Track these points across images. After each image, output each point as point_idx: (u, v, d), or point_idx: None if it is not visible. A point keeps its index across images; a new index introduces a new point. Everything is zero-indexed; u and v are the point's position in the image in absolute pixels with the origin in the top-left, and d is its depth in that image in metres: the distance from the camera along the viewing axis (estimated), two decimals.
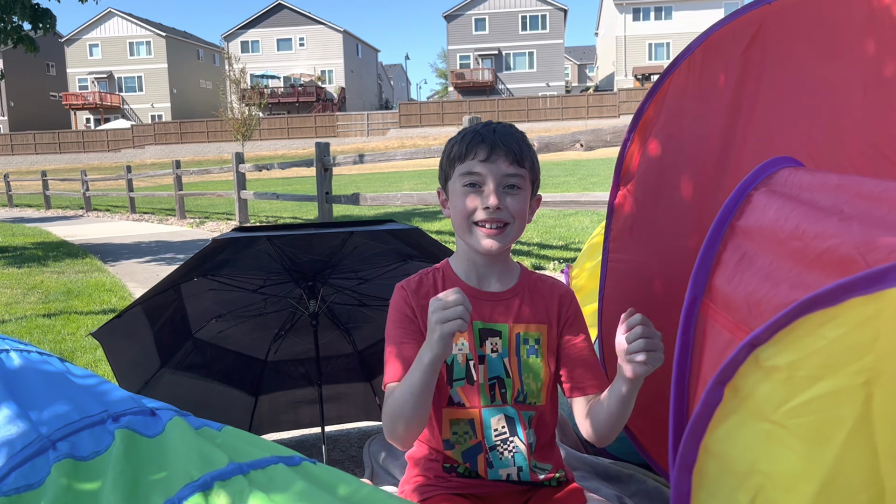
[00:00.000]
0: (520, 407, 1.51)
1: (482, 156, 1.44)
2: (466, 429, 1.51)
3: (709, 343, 0.88)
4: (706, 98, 1.60)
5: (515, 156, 1.44)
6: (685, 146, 1.66)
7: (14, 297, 6.31)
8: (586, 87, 68.54)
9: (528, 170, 1.47)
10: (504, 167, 1.43)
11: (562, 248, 7.69)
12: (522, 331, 1.52)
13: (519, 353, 1.51)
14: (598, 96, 47.17)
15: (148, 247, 10.47)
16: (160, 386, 2.51)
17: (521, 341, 1.52)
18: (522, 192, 1.47)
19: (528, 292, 1.56)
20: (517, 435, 1.50)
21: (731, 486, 0.82)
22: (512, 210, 1.45)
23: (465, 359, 1.50)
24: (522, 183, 1.46)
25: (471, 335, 1.50)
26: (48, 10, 9.39)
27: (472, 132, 1.48)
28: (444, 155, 1.53)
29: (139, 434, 1.14)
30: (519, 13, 55.24)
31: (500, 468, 1.50)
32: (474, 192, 1.45)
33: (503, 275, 1.55)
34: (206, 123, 51.13)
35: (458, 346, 1.49)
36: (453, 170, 1.49)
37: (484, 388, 1.50)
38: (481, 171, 1.44)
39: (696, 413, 0.80)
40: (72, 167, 43.57)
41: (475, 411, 1.50)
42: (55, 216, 19.15)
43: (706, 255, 0.91)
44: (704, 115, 1.60)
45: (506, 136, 1.46)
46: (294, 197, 10.34)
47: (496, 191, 1.43)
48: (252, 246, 2.33)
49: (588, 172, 18.89)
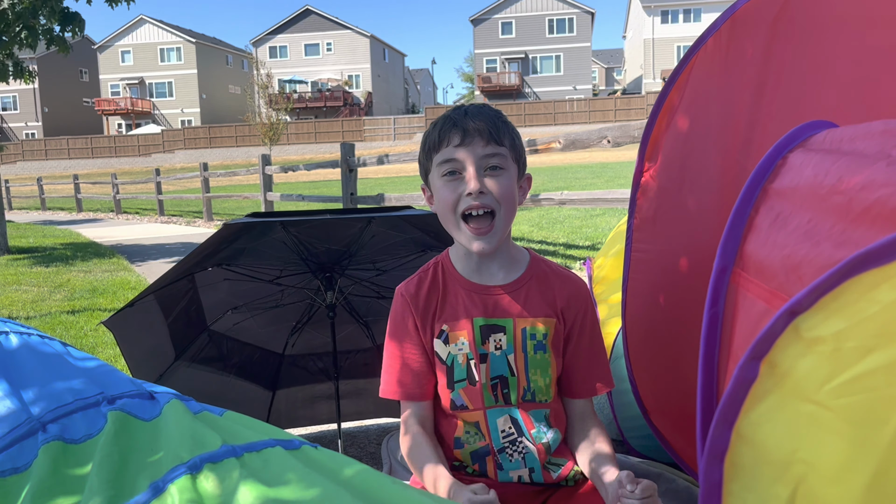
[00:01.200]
0: (528, 406, 1.44)
1: (456, 140, 1.34)
2: (473, 430, 1.44)
3: (741, 315, 0.79)
4: (732, 74, 1.51)
5: (491, 134, 1.34)
6: (710, 128, 1.58)
7: (40, 295, 6.36)
8: (614, 90, 68.04)
9: (508, 147, 1.37)
10: (480, 149, 1.34)
11: (589, 249, 7.56)
12: (529, 325, 1.43)
13: (525, 350, 1.42)
14: (625, 99, 46.79)
15: (175, 248, 10.54)
16: (175, 379, 2.47)
17: (528, 336, 1.42)
18: (506, 173, 1.36)
19: (536, 284, 1.46)
20: (525, 436, 1.43)
21: (768, 477, 0.73)
22: (497, 193, 1.34)
23: (465, 359, 1.42)
24: (504, 162, 1.36)
25: (471, 332, 1.41)
26: (77, 13, 9.50)
27: (443, 119, 1.40)
28: (421, 148, 1.44)
29: (134, 417, 1.09)
30: (546, 16, 55.01)
31: (510, 470, 1.43)
32: (455, 180, 1.35)
33: (507, 264, 1.46)
34: (235, 128, 51.62)
35: (458, 345, 1.42)
36: (431, 161, 1.40)
37: (486, 389, 1.42)
38: (458, 157, 1.34)
39: (727, 393, 0.71)
40: (103, 171, 44.26)
41: (479, 413, 1.43)
42: (86, 219, 19.42)
43: (736, 221, 0.82)
44: (730, 93, 1.51)
45: (479, 116, 1.36)
46: (319, 198, 10.34)
47: (477, 174, 1.33)
48: (267, 234, 2.27)
49: (615, 174, 18.68)
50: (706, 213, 1.56)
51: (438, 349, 1.44)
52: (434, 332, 1.44)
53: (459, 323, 1.42)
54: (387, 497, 0.83)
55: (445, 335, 1.43)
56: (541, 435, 1.44)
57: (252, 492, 0.82)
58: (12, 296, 6.38)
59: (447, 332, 1.43)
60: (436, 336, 1.44)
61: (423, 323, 1.45)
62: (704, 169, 1.58)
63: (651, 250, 1.78)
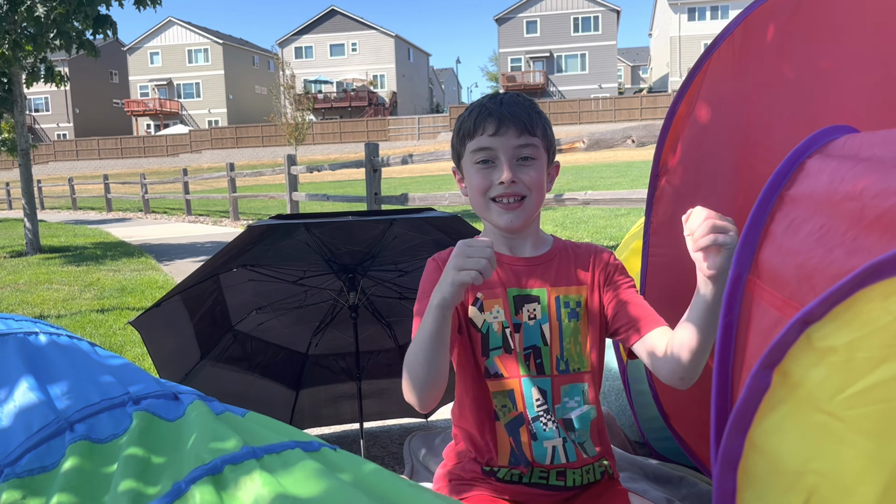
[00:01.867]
0: (563, 378, 1.43)
1: (491, 130, 1.38)
2: (505, 401, 1.44)
3: (754, 324, 0.79)
4: (746, 77, 1.50)
5: (525, 125, 1.38)
6: (724, 132, 1.57)
7: (71, 294, 6.48)
8: (639, 88, 67.50)
9: (540, 138, 1.41)
10: (514, 139, 1.38)
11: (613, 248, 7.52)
12: (562, 294, 1.46)
13: (560, 318, 1.44)
14: (651, 97, 46.38)
15: (202, 247, 10.67)
16: (201, 378, 2.50)
17: (562, 304, 1.45)
18: (537, 163, 1.41)
19: (565, 255, 1.50)
20: (549, 408, 1.43)
21: (780, 487, 0.73)
22: (528, 182, 1.39)
23: (500, 327, 1.44)
24: (536, 153, 1.40)
25: (505, 303, 1.44)
26: (108, 16, 9.66)
27: (478, 106, 1.43)
28: (454, 132, 1.48)
29: (159, 417, 1.11)
30: (571, 15, 54.72)
31: (545, 440, 1.42)
32: (487, 168, 1.40)
33: (535, 242, 1.50)
34: (261, 128, 52.06)
35: (493, 313, 1.44)
36: (464, 147, 1.44)
37: (521, 357, 1.43)
38: (492, 146, 1.38)
39: (739, 402, 0.71)
40: (132, 171, 44.92)
41: (514, 381, 1.43)
42: (115, 218, 19.73)
43: (752, 229, 0.82)
44: (744, 97, 1.51)
45: (514, 106, 1.40)
46: (344, 198, 10.40)
47: (509, 164, 1.37)
48: (291, 235, 2.30)
49: (640, 173, 18.54)
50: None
51: (473, 316, 1.45)
52: (468, 299, 1.45)
53: (494, 291, 1.44)
54: (403, 499, 0.85)
55: (480, 303, 1.44)
56: (566, 410, 1.44)
57: (270, 493, 0.84)
58: (44, 294, 6.51)
59: (481, 299, 1.44)
60: (470, 303, 1.45)
61: None
62: (719, 173, 1.57)
63: (667, 255, 1.77)
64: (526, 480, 1.44)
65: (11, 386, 1.21)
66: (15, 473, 1.00)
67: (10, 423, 1.12)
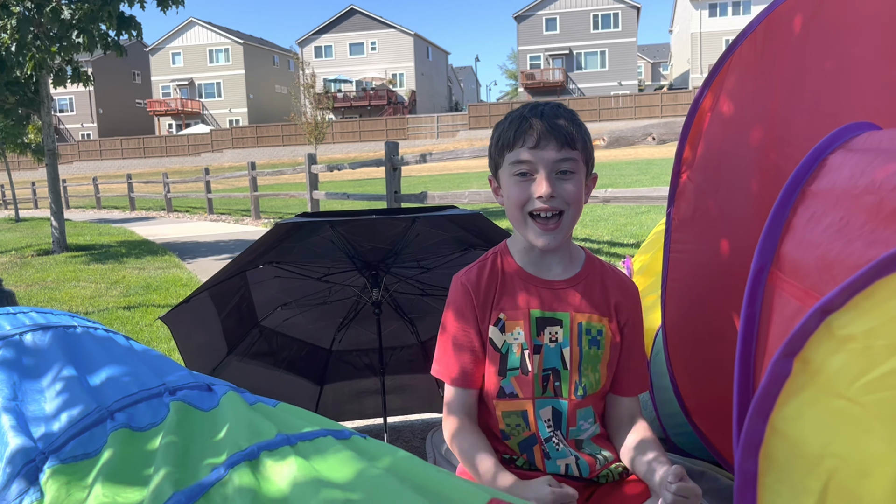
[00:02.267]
0: (581, 403, 1.46)
1: (531, 143, 1.36)
2: (518, 421, 1.46)
3: (776, 314, 0.81)
4: (768, 74, 1.51)
5: (566, 139, 1.36)
6: (746, 128, 1.58)
7: (98, 291, 6.60)
8: (660, 85, 67.01)
9: (580, 151, 1.39)
10: (554, 153, 1.36)
11: (633, 247, 7.51)
12: (585, 321, 1.46)
13: (581, 344, 1.45)
14: (672, 94, 46.03)
15: (224, 245, 10.78)
16: (228, 373, 2.56)
17: (584, 331, 1.45)
18: (576, 176, 1.39)
19: (593, 281, 1.49)
20: (561, 430, 1.45)
21: (801, 470, 0.75)
22: (566, 197, 1.37)
23: (520, 349, 1.44)
24: (575, 167, 1.38)
25: (527, 324, 1.44)
26: (133, 17, 9.80)
27: (518, 118, 1.41)
28: (493, 142, 1.47)
29: (194, 407, 1.15)
30: (590, 12, 54.46)
31: (558, 459, 1.45)
32: (525, 181, 1.38)
33: (565, 261, 1.49)
34: (281, 127, 52.39)
35: (514, 334, 1.44)
36: (503, 158, 1.42)
37: (537, 379, 1.45)
38: (531, 159, 1.37)
39: (761, 387, 0.73)
40: (155, 171, 45.42)
41: (527, 402, 1.45)
42: (138, 217, 19.97)
43: (774, 223, 0.84)
44: (766, 93, 1.52)
45: (554, 119, 1.38)
46: (364, 196, 10.47)
47: (548, 178, 1.36)
48: (316, 233, 2.34)
49: (661, 171, 18.43)
50: (743, 213, 1.57)
51: (493, 336, 1.46)
52: (491, 319, 1.46)
53: (516, 313, 1.45)
54: (434, 483, 0.88)
55: (502, 324, 1.45)
56: (580, 431, 1.47)
57: (305, 477, 0.87)
58: (72, 291, 6.63)
59: (504, 320, 1.45)
60: (492, 324, 1.46)
61: (481, 311, 1.47)
62: (741, 169, 1.59)
63: (689, 250, 1.79)
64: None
65: (54, 375, 1.26)
66: (60, 459, 1.04)
67: (54, 411, 1.17)
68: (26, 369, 1.29)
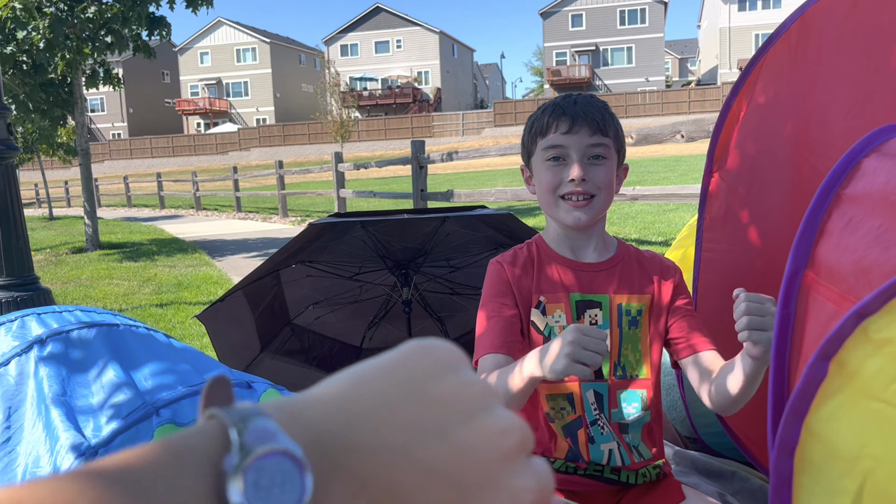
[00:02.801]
0: (622, 384, 1.46)
1: (564, 128, 1.40)
2: (564, 404, 1.46)
3: (811, 317, 0.82)
4: (802, 73, 1.51)
5: (598, 125, 1.39)
6: (780, 127, 1.58)
7: (130, 289, 6.72)
8: (688, 81, 66.31)
9: (612, 139, 1.42)
10: (587, 138, 1.39)
11: (661, 245, 7.46)
12: (624, 301, 1.47)
13: (621, 325, 1.46)
14: (700, 90, 45.56)
15: (253, 243, 10.91)
16: (260, 370, 2.60)
17: (623, 312, 1.47)
18: (608, 162, 1.42)
19: (629, 262, 1.51)
20: (603, 412, 1.46)
21: (837, 471, 0.76)
22: (598, 182, 1.40)
23: (561, 331, 1.46)
24: (607, 153, 1.42)
25: (568, 307, 1.45)
26: (163, 17, 9.95)
27: (552, 105, 1.45)
28: (526, 131, 1.50)
29: None
30: (617, 8, 54.07)
31: (602, 443, 1.45)
32: (558, 166, 1.41)
33: (599, 247, 1.50)
34: (308, 126, 52.77)
35: (555, 317, 1.45)
36: (535, 145, 1.46)
37: None
38: (564, 144, 1.40)
39: (797, 389, 0.74)
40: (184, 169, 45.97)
41: (574, 385, 1.45)
42: (168, 215, 20.26)
43: (809, 225, 0.85)
44: (800, 93, 1.51)
45: (587, 105, 1.42)
46: (390, 195, 10.53)
47: (580, 162, 1.39)
48: (348, 232, 2.38)
49: (689, 168, 18.26)
50: (777, 213, 1.56)
51: (536, 319, 1.47)
52: (532, 302, 1.47)
53: (556, 296, 1.46)
54: None
55: (543, 306, 1.46)
56: (621, 415, 1.46)
57: None
58: (105, 289, 6.76)
59: (544, 303, 1.46)
60: (533, 306, 1.47)
61: (519, 292, 1.47)
62: (775, 169, 1.58)
63: (721, 250, 1.79)
64: (581, 472, 1.47)
65: (100, 371, 1.30)
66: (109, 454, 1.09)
67: (100, 405, 1.21)
68: (74, 364, 1.33)
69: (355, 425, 0.32)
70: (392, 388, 0.35)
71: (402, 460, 0.32)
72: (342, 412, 0.33)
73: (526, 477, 0.35)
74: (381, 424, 0.33)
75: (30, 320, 1.52)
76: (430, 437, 0.33)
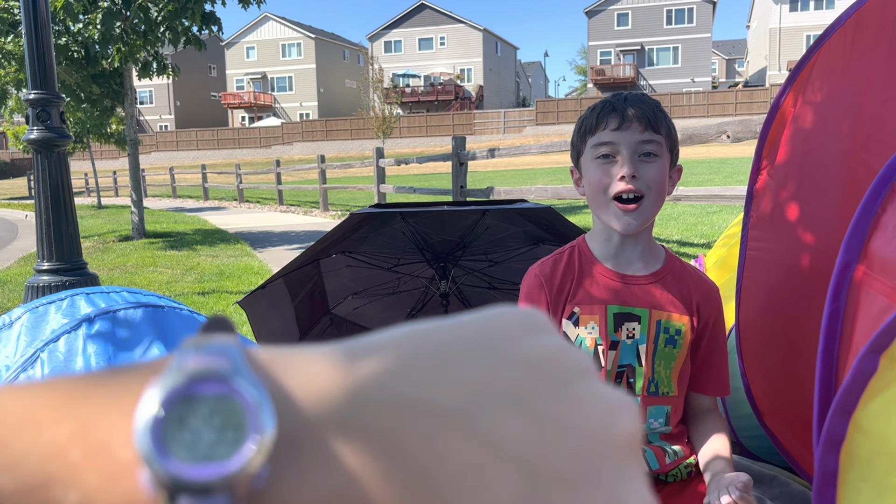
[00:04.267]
0: (651, 400, 1.45)
1: (614, 125, 1.36)
2: None
3: (862, 310, 0.80)
4: (857, 70, 1.47)
5: (649, 121, 1.36)
6: (832, 125, 1.54)
7: (174, 277, 6.86)
8: (735, 82, 65.08)
9: (664, 136, 1.38)
10: (637, 134, 1.35)
11: (704, 247, 7.35)
12: (664, 319, 1.44)
13: (657, 342, 1.43)
14: (747, 92, 44.67)
15: (295, 236, 11.04)
16: None
17: (662, 329, 1.44)
18: (659, 160, 1.37)
19: (673, 279, 1.47)
20: None
21: (885, 467, 0.74)
22: (648, 180, 1.35)
23: (593, 343, 1.43)
24: (658, 150, 1.37)
25: (603, 319, 1.43)
26: (213, 12, 10.13)
27: (602, 103, 1.42)
28: (575, 131, 1.47)
29: None
30: (664, 7, 53.32)
31: None
32: (608, 164, 1.37)
33: (645, 256, 1.47)
34: (350, 122, 53.19)
35: (588, 329, 1.43)
36: (585, 144, 1.42)
37: (610, 375, 1.43)
38: (614, 140, 1.36)
39: (845, 384, 0.73)
40: (228, 162, 46.74)
41: None
42: (212, 206, 20.61)
43: (863, 218, 0.83)
44: (854, 90, 1.47)
45: (638, 102, 1.39)
46: (430, 191, 10.55)
47: (630, 159, 1.35)
48: (388, 223, 2.39)
49: (734, 170, 17.93)
50: (826, 211, 1.53)
51: (567, 330, 1.45)
52: (564, 313, 1.46)
53: (592, 307, 1.44)
54: None
55: (576, 318, 1.45)
56: (647, 427, 1.45)
57: None
58: (150, 276, 6.92)
59: (578, 314, 1.45)
60: (566, 317, 1.45)
61: (554, 304, 1.46)
62: (826, 166, 1.55)
63: (768, 248, 1.75)
64: None
65: (145, 350, 1.34)
66: None
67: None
68: (120, 343, 1.37)
69: (389, 377, 0.24)
70: (454, 340, 0.26)
71: (454, 428, 0.24)
72: (372, 361, 0.25)
73: (635, 487, 0.25)
74: (428, 380, 0.25)
75: (79, 299, 1.57)
76: (500, 404, 0.24)
